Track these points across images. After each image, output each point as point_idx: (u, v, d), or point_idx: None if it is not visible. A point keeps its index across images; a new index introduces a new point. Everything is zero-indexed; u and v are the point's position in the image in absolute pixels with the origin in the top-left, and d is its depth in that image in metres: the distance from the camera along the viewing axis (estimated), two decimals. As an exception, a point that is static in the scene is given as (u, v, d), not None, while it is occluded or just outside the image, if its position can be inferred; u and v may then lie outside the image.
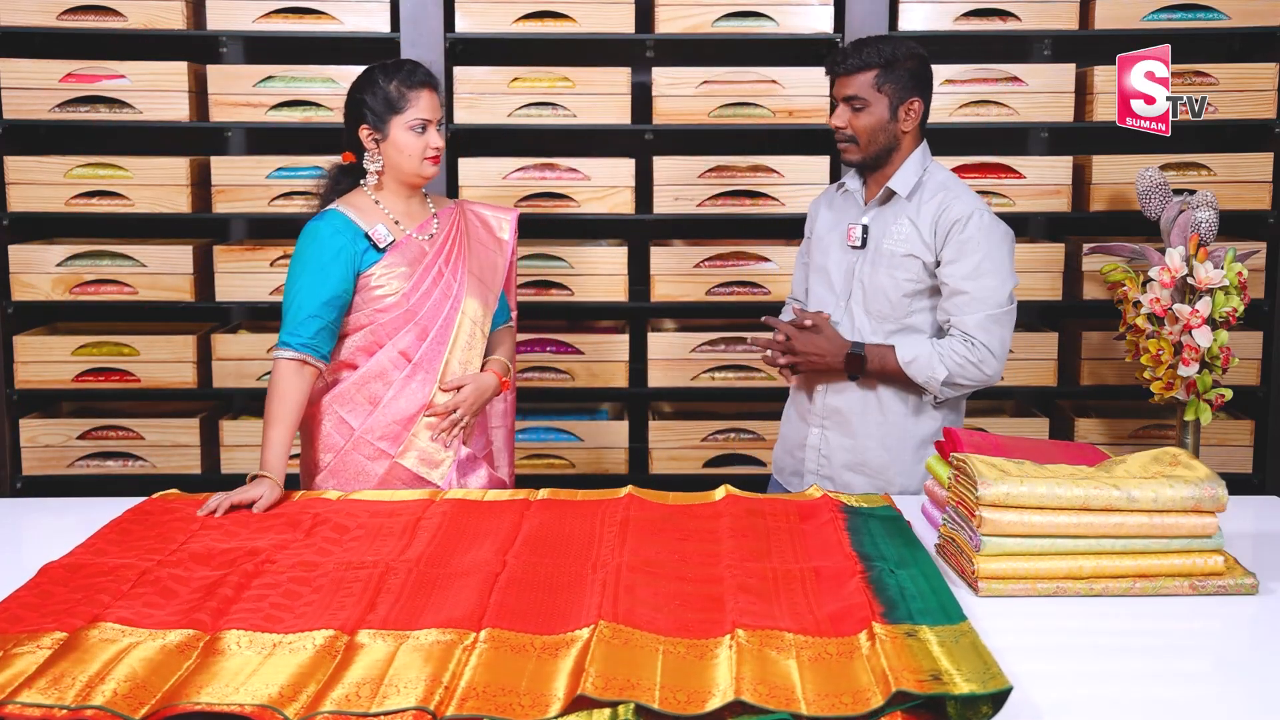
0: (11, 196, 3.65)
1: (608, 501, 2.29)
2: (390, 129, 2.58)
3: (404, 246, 2.61)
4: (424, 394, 2.59)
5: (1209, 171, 3.67)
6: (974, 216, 2.60)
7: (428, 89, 2.60)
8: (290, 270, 2.59)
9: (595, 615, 1.70)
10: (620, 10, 3.64)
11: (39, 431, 3.74)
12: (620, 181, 3.70)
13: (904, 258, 2.64)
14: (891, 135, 2.64)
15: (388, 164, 2.62)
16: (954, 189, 2.66)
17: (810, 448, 2.78)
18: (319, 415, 2.63)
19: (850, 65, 2.62)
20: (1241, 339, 3.66)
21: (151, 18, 3.63)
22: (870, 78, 2.61)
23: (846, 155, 2.68)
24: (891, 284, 2.65)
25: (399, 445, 2.58)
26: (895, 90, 2.62)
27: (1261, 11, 3.65)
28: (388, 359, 2.59)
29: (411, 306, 2.59)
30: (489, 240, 2.76)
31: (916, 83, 2.64)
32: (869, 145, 2.64)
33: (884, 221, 2.69)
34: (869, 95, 2.62)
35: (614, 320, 4.00)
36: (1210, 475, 1.97)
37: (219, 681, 1.56)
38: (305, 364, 2.53)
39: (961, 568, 2.00)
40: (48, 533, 2.29)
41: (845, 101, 2.64)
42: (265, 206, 3.68)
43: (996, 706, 1.49)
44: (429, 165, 2.60)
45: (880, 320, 2.68)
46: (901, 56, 2.62)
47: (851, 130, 2.64)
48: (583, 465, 3.79)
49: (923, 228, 2.63)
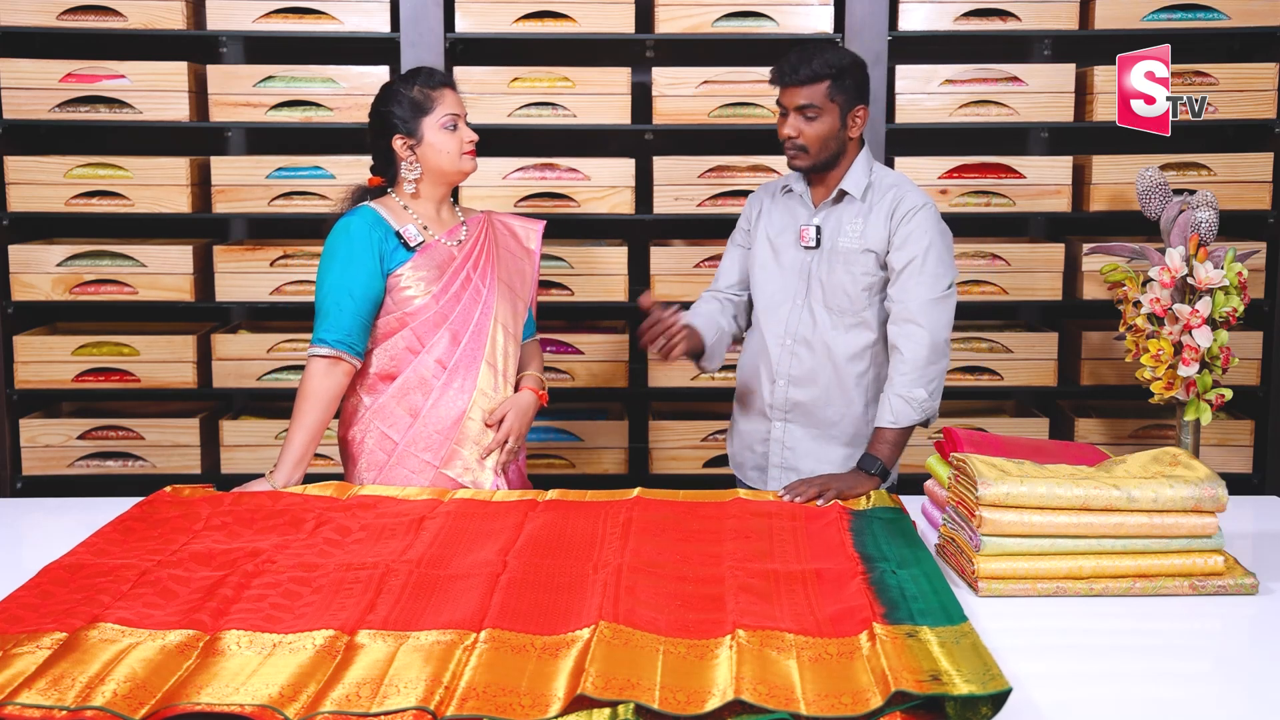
0: (11, 196, 3.65)
1: (612, 503, 2.29)
2: (423, 131, 2.61)
3: (433, 250, 2.62)
4: (463, 401, 2.60)
5: (1209, 171, 3.67)
6: (925, 208, 2.70)
7: (449, 88, 2.65)
8: (321, 267, 2.60)
9: (596, 615, 1.70)
10: (620, 10, 3.64)
11: (39, 431, 3.74)
12: (620, 181, 3.70)
13: (860, 253, 2.72)
14: (840, 142, 2.72)
15: (426, 168, 2.63)
16: (904, 186, 2.76)
17: (774, 440, 2.82)
18: (361, 436, 2.64)
19: (803, 76, 2.68)
20: (1241, 339, 3.66)
21: (151, 18, 3.62)
22: (823, 88, 2.68)
23: (795, 162, 2.74)
24: (850, 279, 2.72)
25: (441, 455, 2.59)
26: (845, 100, 2.70)
27: (1261, 11, 3.65)
28: (425, 368, 2.60)
29: (441, 309, 2.59)
30: (517, 249, 2.78)
31: (861, 91, 2.73)
32: (820, 152, 2.71)
33: (837, 221, 2.76)
34: (822, 104, 2.68)
35: (614, 320, 4.00)
36: (1210, 475, 1.97)
37: (219, 682, 1.56)
38: (339, 362, 2.54)
39: (961, 568, 2.00)
40: (48, 533, 2.29)
41: (797, 110, 2.70)
42: (265, 206, 3.68)
43: (996, 707, 1.49)
44: (467, 160, 2.65)
45: (839, 315, 2.74)
46: (848, 66, 2.70)
47: (803, 140, 2.70)
48: (583, 465, 3.79)
49: (877, 223, 2.71)
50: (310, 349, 2.56)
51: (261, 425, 3.75)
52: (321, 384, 2.53)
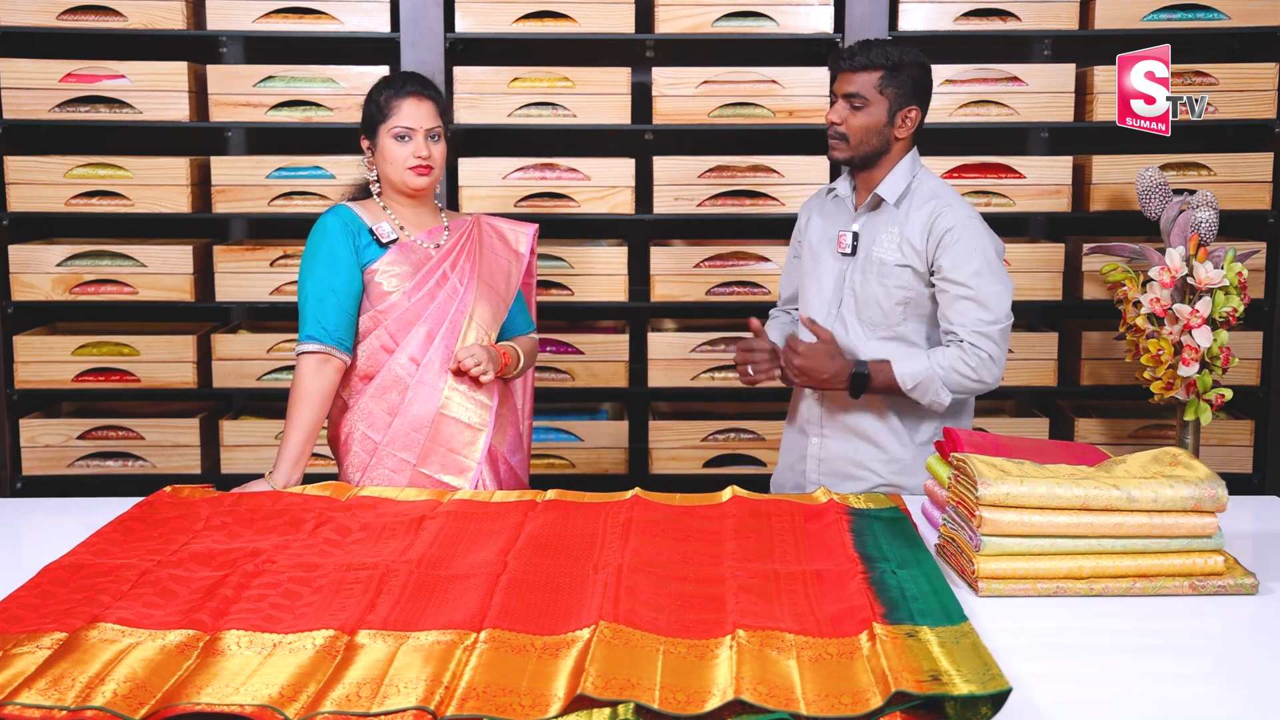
0: (11, 196, 3.65)
1: (612, 503, 2.29)
2: (379, 138, 2.61)
3: (408, 248, 2.62)
4: (437, 398, 2.60)
5: (1209, 171, 3.67)
6: (968, 224, 2.61)
7: (414, 97, 2.60)
8: (302, 267, 2.61)
9: (596, 616, 1.70)
10: (620, 10, 3.64)
11: (39, 431, 3.74)
12: (620, 181, 3.70)
13: (895, 267, 2.63)
14: (885, 139, 2.63)
15: (380, 174, 2.65)
16: (945, 197, 2.65)
17: (810, 457, 2.77)
18: (346, 437, 2.65)
19: (857, 63, 2.61)
20: (1241, 339, 3.66)
21: (151, 18, 3.63)
22: (875, 78, 2.61)
23: (834, 152, 2.66)
24: (883, 292, 2.65)
25: (418, 452, 2.59)
26: (896, 95, 2.62)
27: (1261, 11, 3.65)
28: (400, 366, 2.60)
29: (414, 306, 2.60)
30: (503, 250, 2.77)
31: (918, 91, 2.64)
32: (860, 145, 2.63)
33: (873, 229, 2.68)
34: (870, 95, 2.61)
35: (614, 320, 4.00)
36: (1210, 475, 1.97)
37: (219, 682, 1.56)
38: (329, 358, 2.54)
39: (961, 568, 2.00)
40: (48, 533, 2.29)
41: (845, 98, 2.63)
42: (265, 206, 3.68)
43: (996, 707, 1.49)
44: (412, 175, 2.60)
45: (873, 328, 2.67)
46: (907, 62, 2.62)
47: (846, 128, 2.63)
48: (583, 465, 3.79)
49: (913, 236, 2.62)
50: (299, 347, 2.56)
51: (261, 425, 3.75)
52: (313, 382, 2.54)
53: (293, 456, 2.50)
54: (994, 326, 2.59)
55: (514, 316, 2.77)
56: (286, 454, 2.50)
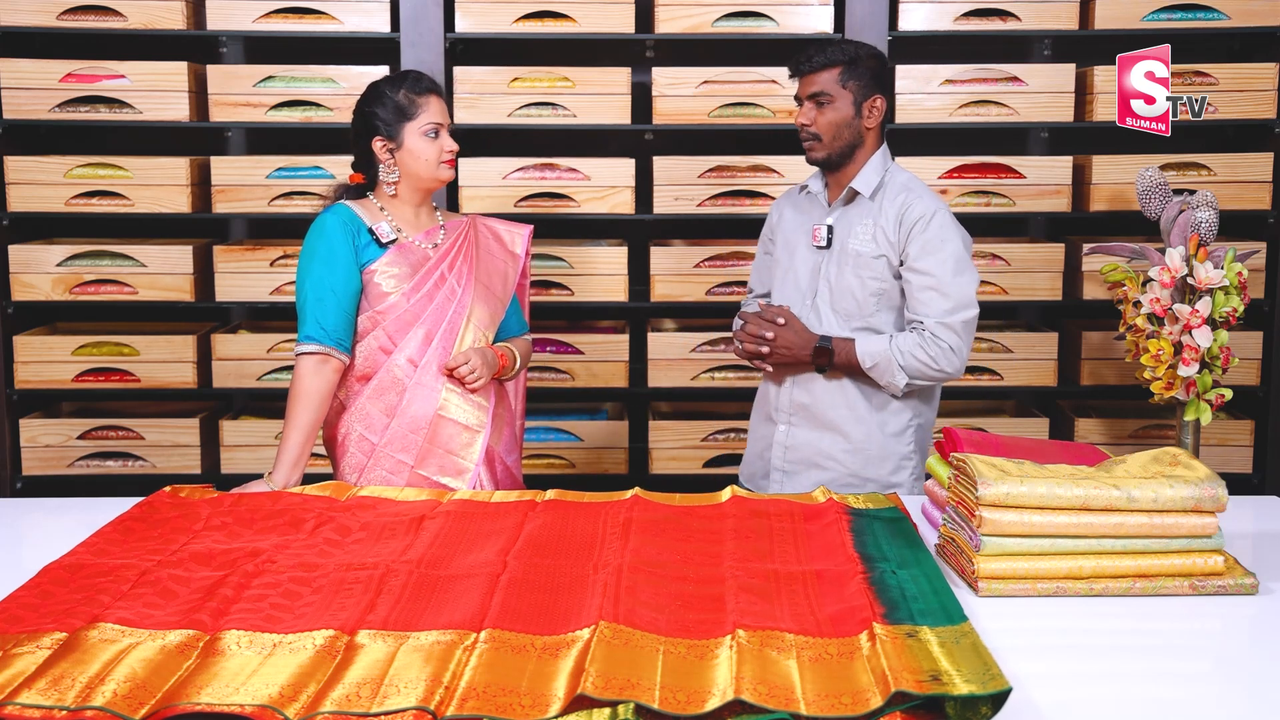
0: (11, 196, 3.66)
1: (612, 503, 2.29)
2: (404, 137, 2.61)
3: (407, 249, 2.62)
4: (435, 399, 2.60)
5: (1209, 171, 3.67)
6: (936, 215, 2.67)
7: (435, 95, 2.64)
8: (300, 267, 2.60)
9: (596, 616, 1.70)
10: (620, 10, 3.64)
11: (39, 431, 3.74)
12: (620, 181, 3.70)
13: (870, 259, 2.70)
14: (856, 132, 2.70)
15: (404, 173, 2.63)
16: (915, 189, 2.72)
17: (776, 444, 2.82)
18: (343, 438, 2.64)
19: (816, 63, 2.68)
20: (1241, 339, 3.66)
21: (151, 18, 3.63)
22: (835, 74, 2.67)
23: (811, 153, 2.73)
24: (858, 283, 2.71)
25: (415, 454, 2.59)
26: (859, 87, 2.68)
27: (1261, 11, 3.65)
28: (398, 368, 2.60)
29: (413, 307, 2.59)
30: (499, 251, 2.77)
31: (878, 81, 2.71)
32: (833, 141, 2.69)
33: (848, 222, 2.74)
34: (834, 90, 2.67)
35: (614, 320, 4.00)
36: (1210, 475, 1.97)
37: (219, 682, 1.56)
38: (328, 358, 2.54)
39: (961, 568, 2.00)
40: (48, 533, 2.29)
41: (810, 99, 2.70)
42: (265, 206, 3.68)
43: (996, 707, 1.49)
44: (445, 169, 2.64)
45: (846, 318, 2.73)
46: (863, 55, 2.69)
47: (816, 128, 2.69)
48: (583, 465, 3.79)
49: (886, 227, 2.69)
50: (297, 347, 2.55)
51: (261, 425, 3.75)
52: (312, 382, 2.53)
53: (292, 457, 2.50)
54: (956, 317, 2.64)
55: (508, 317, 2.77)
56: (286, 454, 2.50)
